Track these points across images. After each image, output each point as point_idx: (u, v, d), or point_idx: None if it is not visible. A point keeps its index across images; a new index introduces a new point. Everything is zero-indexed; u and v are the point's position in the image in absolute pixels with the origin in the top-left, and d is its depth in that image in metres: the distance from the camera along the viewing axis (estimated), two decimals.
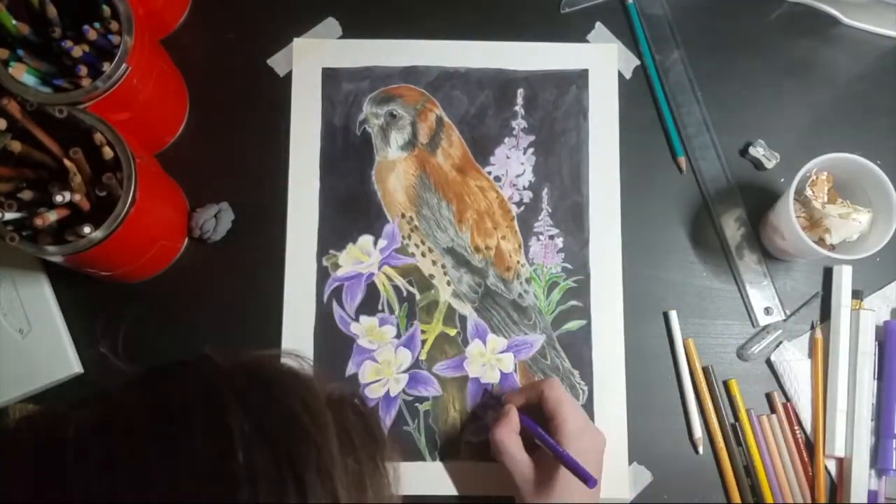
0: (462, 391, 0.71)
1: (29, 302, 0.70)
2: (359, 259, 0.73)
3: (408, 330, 0.72)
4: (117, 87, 0.62)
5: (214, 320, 0.71)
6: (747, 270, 0.73)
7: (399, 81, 0.76)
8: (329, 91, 0.75)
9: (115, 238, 0.60)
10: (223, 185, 0.73)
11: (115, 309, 0.71)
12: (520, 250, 0.73)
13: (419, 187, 0.74)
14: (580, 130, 0.75)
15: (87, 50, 0.61)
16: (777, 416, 0.70)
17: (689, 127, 0.75)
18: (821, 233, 0.67)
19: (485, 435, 0.70)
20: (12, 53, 0.62)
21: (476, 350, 0.71)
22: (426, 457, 0.69)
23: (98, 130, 0.60)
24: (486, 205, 0.74)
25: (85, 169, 0.60)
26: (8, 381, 0.68)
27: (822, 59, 0.77)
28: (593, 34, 0.77)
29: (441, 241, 0.73)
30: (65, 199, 0.57)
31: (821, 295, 0.73)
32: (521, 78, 0.76)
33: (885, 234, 0.65)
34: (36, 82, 0.62)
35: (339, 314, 0.72)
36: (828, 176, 0.69)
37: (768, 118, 0.76)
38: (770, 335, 0.71)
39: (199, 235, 0.72)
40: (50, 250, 0.59)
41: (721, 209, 0.74)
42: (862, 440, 0.69)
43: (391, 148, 0.74)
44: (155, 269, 0.72)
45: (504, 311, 0.72)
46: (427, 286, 0.72)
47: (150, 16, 0.71)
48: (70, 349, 0.70)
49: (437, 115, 0.75)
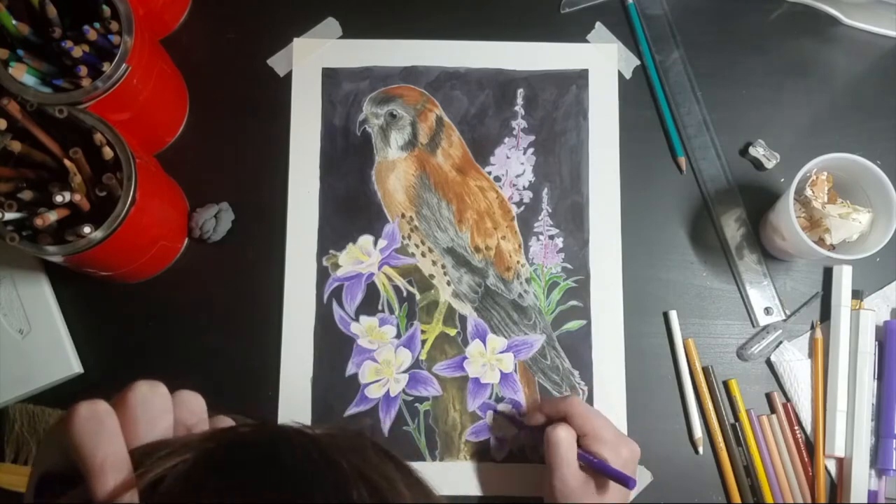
0: (462, 391, 0.71)
1: (29, 302, 0.70)
2: (359, 259, 0.73)
3: (408, 330, 0.72)
4: (117, 88, 0.62)
5: (214, 320, 0.71)
6: (747, 270, 0.73)
7: (399, 81, 0.76)
8: (329, 91, 0.75)
9: (115, 238, 0.60)
10: (223, 185, 0.73)
11: (114, 309, 0.71)
12: (520, 250, 0.73)
13: (419, 187, 0.74)
14: (580, 130, 0.75)
15: (88, 50, 0.62)
16: (777, 417, 0.70)
17: (689, 127, 0.75)
18: (821, 233, 0.67)
19: (484, 435, 0.70)
20: (12, 53, 0.62)
21: (476, 350, 0.71)
22: (426, 457, 0.70)
23: (98, 130, 0.60)
24: (486, 205, 0.74)
25: (85, 169, 0.60)
26: (8, 380, 0.68)
27: (822, 59, 0.77)
28: (593, 34, 0.77)
29: (441, 241, 0.73)
30: (65, 199, 0.57)
31: (821, 295, 0.73)
32: (521, 78, 0.76)
33: (885, 235, 0.65)
34: (36, 82, 0.62)
35: (339, 314, 0.72)
36: (828, 176, 0.69)
37: (768, 118, 0.76)
38: (770, 335, 0.71)
39: (199, 235, 0.72)
40: (50, 250, 0.59)
41: (721, 209, 0.74)
42: (862, 440, 0.69)
43: (391, 148, 0.74)
44: (155, 269, 0.72)
45: (504, 311, 0.72)
46: (427, 286, 0.72)
47: (150, 16, 0.71)
48: (70, 349, 0.70)
49: (437, 116, 0.75)
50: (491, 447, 0.70)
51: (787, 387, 0.71)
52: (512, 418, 0.70)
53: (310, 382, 0.70)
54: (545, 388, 0.71)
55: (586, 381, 0.71)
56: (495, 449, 0.70)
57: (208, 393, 0.74)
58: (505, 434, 0.70)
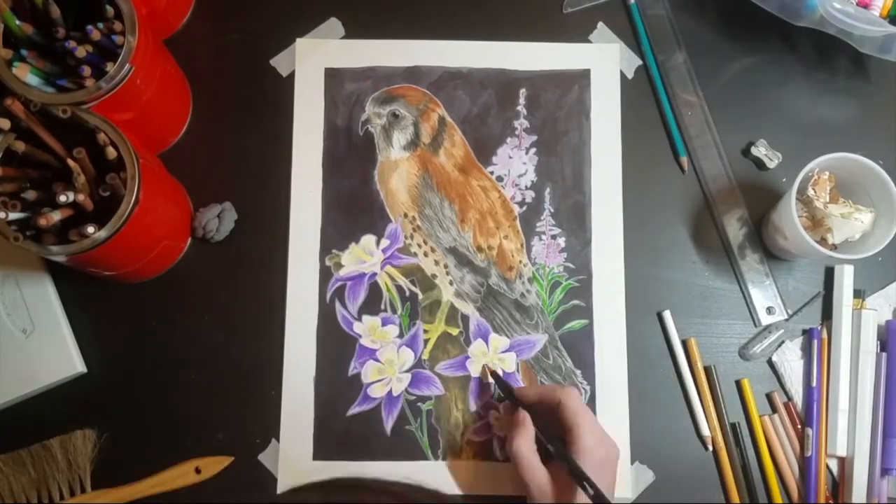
0: (464, 391, 0.71)
1: (32, 302, 0.70)
2: (361, 259, 0.73)
3: (410, 329, 0.72)
4: (121, 88, 0.62)
5: (217, 320, 0.71)
6: (749, 270, 0.73)
7: (401, 81, 0.76)
8: (332, 91, 0.75)
9: (118, 238, 0.60)
10: (226, 185, 0.74)
11: (118, 308, 0.71)
12: (522, 250, 0.73)
13: (421, 187, 0.74)
14: (582, 130, 0.75)
15: (91, 50, 0.62)
16: (779, 416, 0.70)
17: (690, 127, 0.75)
18: (823, 232, 0.68)
19: (487, 434, 0.70)
20: (16, 54, 0.62)
21: (478, 349, 0.71)
22: (428, 456, 0.70)
23: (102, 130, 0.60)
24: (489, 205, 0.74)
25: (89, 169, 0.60)
26: (12, 380, 0.68)
27: (824, 58, 0.77)
28: (595, 34, 0.77)
29: (443, 241, 0.73)
30: (68, 199, 0.57)
31: (822, 295, 0.73)
32: (523, 78, 0.76)
33: (887, 234, 0.65)
34: (40, 82, 0.62)
35: (342, 314, 0.72)
36: (830, 176, 0.69)
37: (770, 118, 0.76)
38: (772, 335, 0.71)
39: (202, 235, 0.72)
40: (54, 250, 0.59)
41: (723, 209, 0.74)
42: (863, 439, 0.69)
43: (394, 148, 0.74)
44: (158, 269, 0.72)
45: (506, 310, 0.72)
46: (429, 286, 0.72)
47: (153, 16, 0.71)
48: (73, 349, 0.70)
49: (440, 115, 0.75)
50: (494, 446, 0.70)
51: (788, 386, 0.71)
52: (505, 385, 0.69)
53: (312, 382, 0.70)
54: None
55: (588, 380, 0.71)
56: (498, 448, 0.70)
57: (211, 392, 0.75)
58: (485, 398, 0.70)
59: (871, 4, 0.70)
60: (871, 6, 0.70)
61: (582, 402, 0.64)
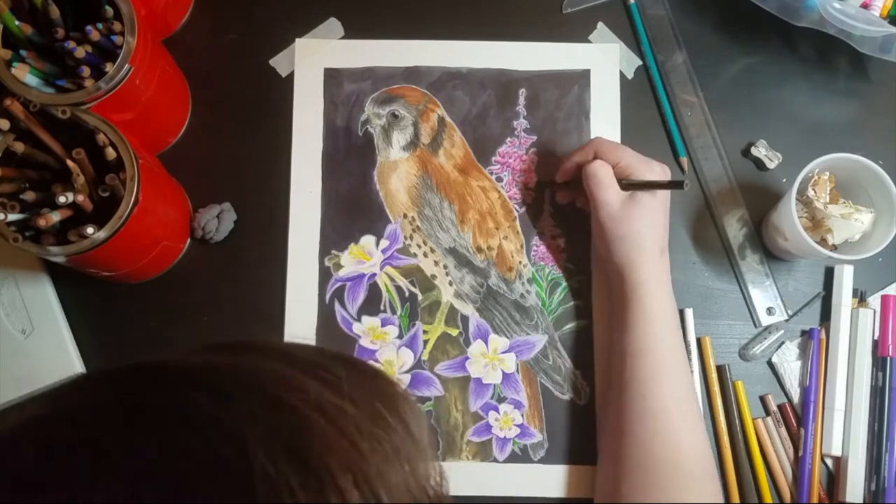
0: (464, 391, 0.71)
1: (32, 302, 0.70)
2: (361, 259, 0.73)
3: (410, 330, 0.72)
4: (120, 88, 0.62)
5: (216, 321, 0.71)
6: (749, 270, 0.73)
7: (401, 82, 0.76)
8: (331, 91, 0.75)
9: (117, 238, 0.60)
10: (225, 186, 0.74)
11: (117, 309, 0.71)
12: (522, 250, 0.73)
13: (421, 188, 0.74)
14: (582, 131, 0.75)
15: (90, 50, 0.62)
16: (772, 419, 0.70)
17: (690, 127, 0.75)
18: (823, 233, 0.68)
19: (486, 435, 0.70)
20: (15, 54, 0.62)
21: (478, 350, 0.71)
22: None
23: (101, 131, 0.60)
24: (489, 205, 0.74)
25: (88, 169, 0.60)
26: (10, 380, 0.68)
27: (824, 58, 0.77)
28: (595, 34, 0.77)
29: (443, 242, 0.73)
30: (68, 199, 0.57)
31: (822, 295, 0.73)
32: (522, 78, 0.76)
33: (887, 235, 0.65)
34: (39, 83, 0.62)
35: (342, 314, 0.72)
36: (830, 176, 0.69)
37: (770, 118, 0.76)
38: (772, 335, 0.71)
39: (201, 236, 0.72)
40: (53, 251, 0.59)
41: (723, 209, 0.74)
42: (859, 439, 0.69)
43: (393, 148, 0.74)
44: (157, 270, 0.72)
45: (506, 311, 0.72)
46: (429, 286, 0.72)
47: (152, 16, 0.71)
48: (72, 349, 0.70)
49: (439, 116, 0.75)
50: (493, 447, 0.70)
51: (787, 387, 0.71)
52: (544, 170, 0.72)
53: None
54: (547, 389, 0.71)
55: (588, 381, 0.71)
56: (497, 449, 0.70)
57: None
58: None
59: (871, 5, 0.70)
60: (871, 6, 0.70)
61: (613, 140, 0.69)
